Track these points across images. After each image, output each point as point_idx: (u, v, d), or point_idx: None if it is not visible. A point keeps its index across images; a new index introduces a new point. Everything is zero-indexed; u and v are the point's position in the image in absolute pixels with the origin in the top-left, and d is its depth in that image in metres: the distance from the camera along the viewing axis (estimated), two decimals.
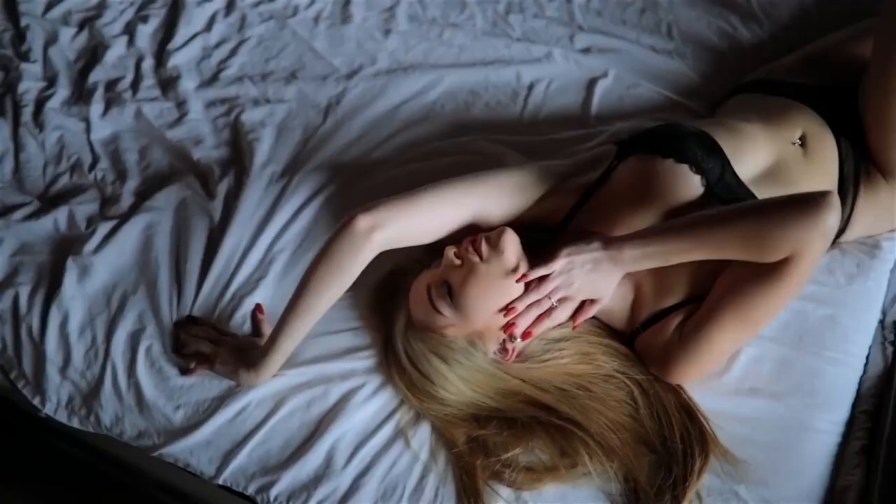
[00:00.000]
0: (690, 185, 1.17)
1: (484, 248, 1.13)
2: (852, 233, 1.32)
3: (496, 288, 1.11)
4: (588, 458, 1.10)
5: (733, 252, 1.06)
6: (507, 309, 1.12)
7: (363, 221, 1.14)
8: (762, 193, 1.19)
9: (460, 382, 1.12)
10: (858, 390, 1.23)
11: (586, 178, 1.22)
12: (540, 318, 1.13)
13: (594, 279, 1.11)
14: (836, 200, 1.02)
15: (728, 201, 1.16)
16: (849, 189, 1.27)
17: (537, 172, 1.24)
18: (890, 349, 1.28)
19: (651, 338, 1.16)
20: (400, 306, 1.18)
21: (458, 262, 1.13)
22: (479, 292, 1.11)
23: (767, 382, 1.19)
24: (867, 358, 1.26)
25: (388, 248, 1.17)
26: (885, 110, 1.23)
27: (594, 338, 1.18)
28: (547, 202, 1.23)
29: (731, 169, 1.19)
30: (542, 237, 1.21)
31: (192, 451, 1.20)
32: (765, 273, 1.06)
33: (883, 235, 1.35)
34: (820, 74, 1.39)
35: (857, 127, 1.29)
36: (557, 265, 1.11)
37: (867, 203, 1.29)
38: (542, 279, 1.12)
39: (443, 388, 1.13)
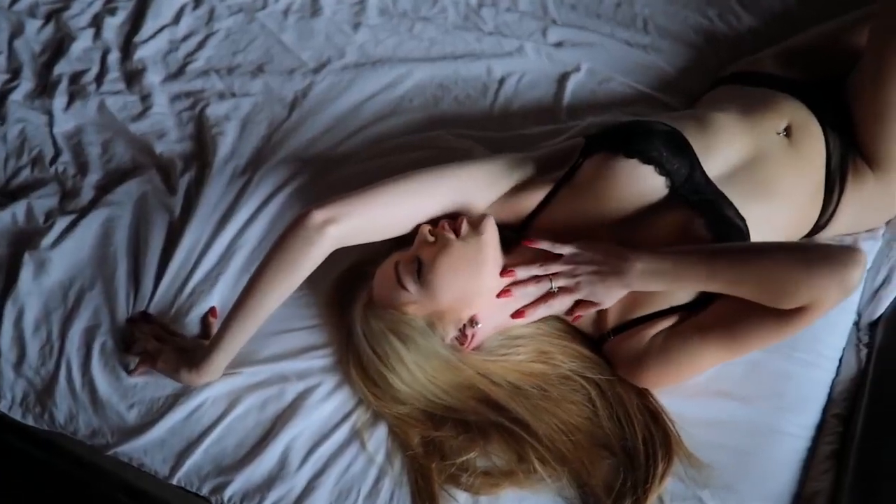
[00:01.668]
0: (654, 185, 1.14)
1: (464, 226, 1.11)
2: (833, 229, 1.29)
3: (468, 268, 1.09)
4: (540, 464, 1.07)
5: (748, 292, 1.04)
6: (506, 271, 1.10)
7: (317, 215, 1.11)
8: (738, 188, 1.16)
9: (415, 368, 1.09)
10: (830, 393, 1.19)
11: (554, 173, 1.20)
12: (537, 301, 1.11)
13: (595, 283, 1.09)
14: (863, 258, 1.01)
15: (695, 202, 1.13)
16: (835, 182, 1.25)
17: (504, 166, 1.21)
18: (864, 351, 1.25)
19: (624, 342, 1.14)
20: (361, 293, 1.16)
21: (431, 238, 1.12)
22: (449, 269, 1.08)
23: (736, 385, 1.17)
24: (840, 360, 1.23)
25: (344, 243, 1.15)
26: (879, 101, 1.20)
27: (555, 339, 1.16)
28: (514, 197, 1.20)
29: (701, 168, 1.16)
30: (509, 234, 1.18)
31: (146, 450, 1.18)
32: (772, 314, 1.05)
33: (861, 235, 1.32)
34: (803, 67, 1.37)
35: (843, 120, 1.26)
36: (566, 250, 1.10)
37: (852, 197, 1.26)
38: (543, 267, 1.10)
39: (397, 376, 1.09)
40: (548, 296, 1.12)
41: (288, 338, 1.24)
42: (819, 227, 1.28)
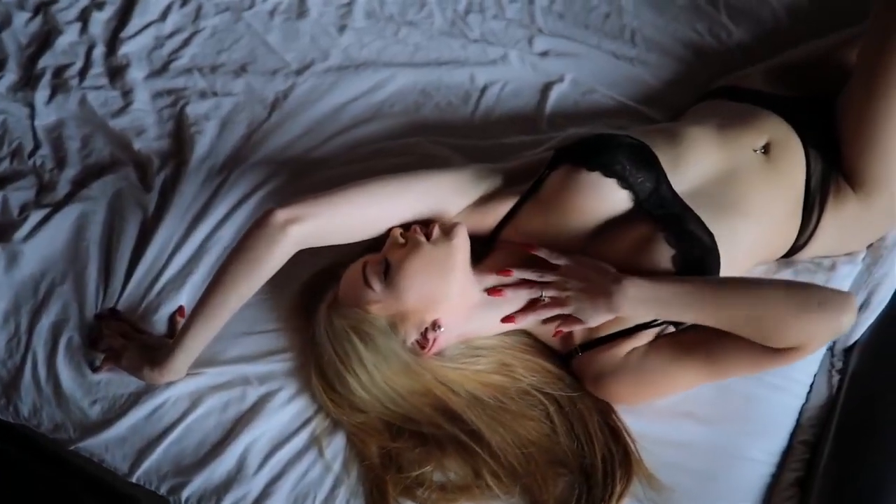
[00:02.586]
0: (617, 199, 1.13)
1: (436, 231, 1.12)
2: (811, 250, 1.27)
3: (435, 272, 1.09)
4: (493, 479, 1.06)
5: (739, 330, 1.04)
6: (502, 270, 1.10)
7: (280, 215, 1.11)
8: (708, 203, 1.14)
9: (374, 370, 1.08)
10: (799, 419, 1.18)
11: (521, 185, 1.19)
12: (527, 309, 1.11)
13: (584, 301, 1.08)
14: (855, 303, 1.03)
15: (659, 216, 1.12)
16: (814, 203, 1.23)
17: (473, 176, 1.20)
18: (836, 378, 1.23)
19: (596, 358, 1.13)
20: (328, 295, 1.15)
21: (402, 241, 1.12)
22: (416, 271, 1.08)
23: (702, 407, 1.15)
24: (811, 385, 1.21)
25: (307, 244, 1.14)
26: (865, 120, 1.19)
27: (519, 353, 1.15)
28: (481, 207, 1.19)
29: (668, 182, 1.14)
30: (475, 246, 1.17)
31: (107, 446, 1.18)
32: (759, 348, 1.05)
33: (841, 258, 1.30)
34: (792, 84, 1.35)
35: (828, 139, 1.25)
36: (562, 261, 1.10)
37: (833, 219, 1.24)
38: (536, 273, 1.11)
39: (356, 378, 1.09)
40: (536, 303, 1.11)
41: (253, 340, 1.24)
42: (797, 247, 1.26)
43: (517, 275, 1.11)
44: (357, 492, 1.10)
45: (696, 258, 1.09)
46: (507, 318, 1.12)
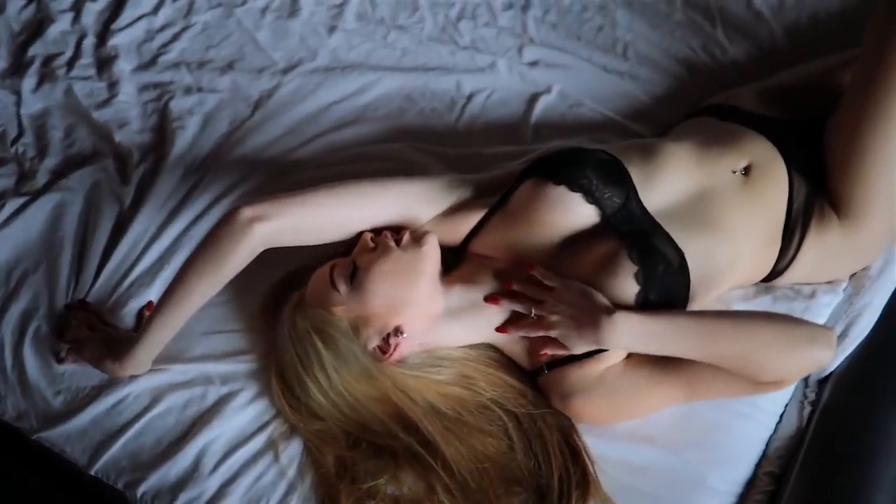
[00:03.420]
0: (584, 214, 1.12)
1: (406, 238, 1.11)
2: (791, 275, 1.24)
3: (402, 277, 1.08)
4: (445, 494, 1.05)
5: (726, 365, 1.04)
6: (505, 280, 1.11)
7: (246, 212, 1.11)
8: (680, 221, 1.12)
9: (333, 373, 1.07)
10: (766, 449, 1.15)
11: (490, 197, 1.17)
12: (515, 322, 1.10)
13: (570, 328, 1.05)
14: (836, 341, 1.08)
15: (626, 232, 1.10)
16: (795, 228, 1.20)
17: (444, 185, 1.19)
18: (808, 409, 1.20)
19: (567, 375, 1.10)
20: (294, 297, 1.15)
21: (372, 245, 1.11)
22: (383, 275, 1.08)
23: (666, 431, 1.13)
24: (782, 416, 1.18)
25: (273, 243, 1.14)
26: (854, 145, 1.16)
27: (482, 366, 1.14)
28: (450, 217, 1.18)
29: (638, 198, 1.12)
30: (445, 257, 1.16)
31: (68, 438, 1.18)
32: (740, 379, 1.05)
33: (821, 287, 1.27)
34: (784, 106, 1.33)
35: (816, 164, 1.22)
36: (555, 284, 1.08)
37: (814, 245, 1.21)
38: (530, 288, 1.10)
39: (314, 381, 1.08)
40: (525, 318, 1.10)
41: (219, 339, 1.23)
42: (777, 272, 1.23)
43: (516, 286, 1.10)
44: (310, 499, 1.10)
45: (660, 275, 1.07)
46: (500, 328, 1.11)
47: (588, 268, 1.09)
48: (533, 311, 1.09)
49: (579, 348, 1.07)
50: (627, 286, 1.06)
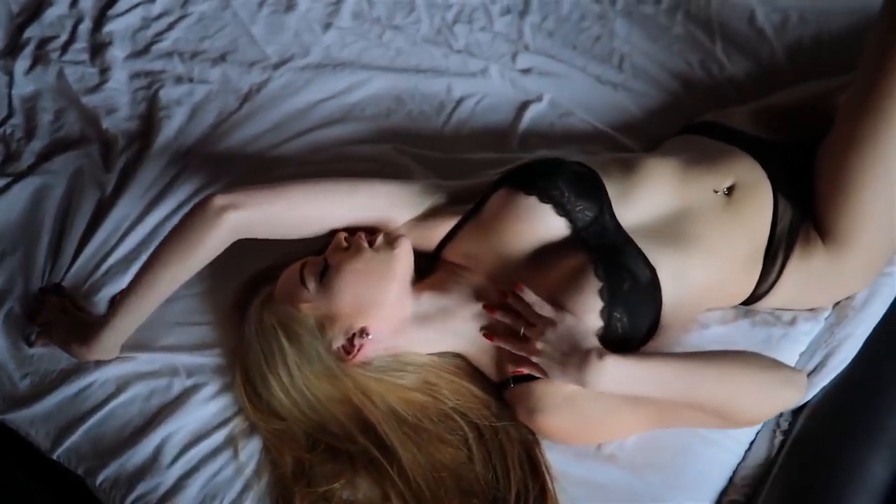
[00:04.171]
0: (554, 226, 1.10)
1: (379, 239, 1.11)
2: (773, 300, 1.21)
3: (372, 278, 1.08)
4: (401, 502, 1.04)
5: (704, 408, 1.04)
6: (500, 293, 1.10)
7: (219, 200, 1.11)
8: (655, 238, 1.10)
9: (296, 370, 1.06)
10: (733, 477, 1.12)
11: (464, 205, 1.16)
12: (507, 337, 1.08)
13: (554, 361, 1.02)
14: (806, 383, 1.10)
15: (595, 247, 1.08)
16: (778, 252, 1.18)
17: (419, 190, 1.18)
18: (780, 438, 1.17)
19: (531, 390, 1.07)
20: (263, 292, 1.14)
21: (345, 245, 1.11)
22: (353, 275, 1.07)
23: (631, 452, 1.11)
24: (752, 444, 1.15)
25: (243, 233, 1.13)
26: (843, 170, 1.13)
27: (446, 374, 1.12)
28: (423, 223, 1.17)
29: (612, 212, 1.11)
30: (419, 262, 1.15)
31: (33, 421, 1.19)
32: (711, 417, 1.05)
33: (803, 313, 1.24)
34: (779, 127, 1.30)
35: (805, 188, 1.20)
36: (546, 312, 1.04)
37: (797, 270, 1.19)
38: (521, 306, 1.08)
39: (276, 378, 1.07)
40: (514, 334, 1.07)
41: (189, 330, 1.23)
42: (757, 295, 1.21)
43: (512, 301, 1.08)
44: (264, 499, 1.09)
45: (625, 292, 1.04)
46: (487, 335, 1.10)
47: (555, 282, 1.07)
48: (522, 330, 1.06)
49: (558, 380, 1.03)
50: (591, 302, 1.04)
